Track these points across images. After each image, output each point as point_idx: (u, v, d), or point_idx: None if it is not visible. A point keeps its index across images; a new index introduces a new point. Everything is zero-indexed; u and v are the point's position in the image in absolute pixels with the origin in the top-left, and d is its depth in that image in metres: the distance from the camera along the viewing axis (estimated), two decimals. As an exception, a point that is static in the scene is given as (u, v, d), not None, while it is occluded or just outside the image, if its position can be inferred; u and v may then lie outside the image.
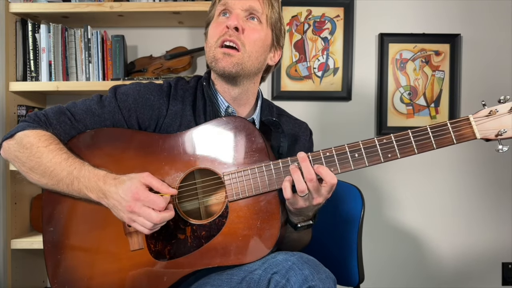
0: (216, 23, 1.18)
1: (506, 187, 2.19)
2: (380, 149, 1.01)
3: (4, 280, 1.88)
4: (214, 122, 1.10)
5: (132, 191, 1.00)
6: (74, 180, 1.06)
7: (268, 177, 1.03)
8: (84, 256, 1.10)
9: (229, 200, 1.05)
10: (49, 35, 1.94)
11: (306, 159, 1.00)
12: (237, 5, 1.15)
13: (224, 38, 1.13)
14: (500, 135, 0.97)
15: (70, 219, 1.12)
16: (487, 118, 0.99)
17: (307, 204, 1.02)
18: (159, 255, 1.07)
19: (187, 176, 1.10)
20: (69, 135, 1.14)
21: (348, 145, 1.02)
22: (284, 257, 0.98)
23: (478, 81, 2.18)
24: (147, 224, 1.00)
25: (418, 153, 1.00)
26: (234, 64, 1.13)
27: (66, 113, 1.15)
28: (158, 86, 1.21)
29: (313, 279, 0.92)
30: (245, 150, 1.06)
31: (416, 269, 2.21)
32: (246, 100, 1.23)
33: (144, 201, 1.00)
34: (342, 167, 1.02)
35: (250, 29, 1.16)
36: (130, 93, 1.17)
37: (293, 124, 1.30)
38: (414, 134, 1.00)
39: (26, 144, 1.09)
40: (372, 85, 2.20)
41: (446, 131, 0.99)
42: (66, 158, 1.08)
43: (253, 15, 1.16)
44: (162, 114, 1.18)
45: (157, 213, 1.00)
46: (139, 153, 1.12)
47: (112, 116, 1.15)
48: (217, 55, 1.14)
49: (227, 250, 1.03)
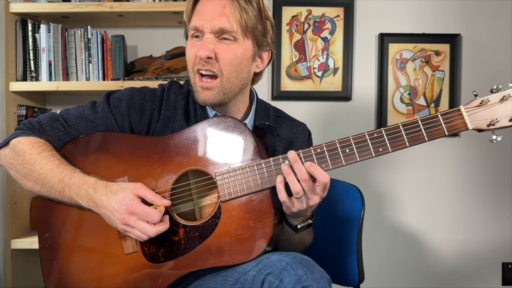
0: (190, 44, 1.13)
1: (506, 187, 2.19)
2: (371, 143, 1.00)
3: (4, 280, 1.88)
4: (205, 122, 1.10)
5: (125, 203, 1.00)
6: (65, 187, 1.06)
7: (260, 176, 1.03)
8: (79, 261, 1.10)
9: (221, 200, 1.05)
10: (49, 35, 1.94)
11: (297, 159, 0.99)
12: (206, 28, 1.09)
13: (198, 67, 1.10)
14: (493, 125, 0.96)
15: (64, 225, 1.12)
16: (478, 108, 0.97)
17: (304, 206, 1.02)
18: (153, 258, 1.07)
19: (181, 178, 1.10)
20: (62, 141, 1.15)
21: (338, 141, 1.01)
22: (278, 257, 0.97)
23: (478, 81, 2.17)
24: (142, 237, 1.02)
25: (409, 146, 0.99)
26: (215, 96, 1.11)
27: (59, 119, 1.16)
28: (151, 91, 1.21)
29: (307, 279, 0.92)
30: (236, 149, 1.06)
31: (416, 269, 2.21)
32: (236, 111, 1.21)
33: (139, 214, 1.00)
34: (334, 163, 1.01)
35: (224, 51, 1.09)
36: (123, 98, 1.17)
37: (290, 126, 1.29)
38: (405, 127, 1.00)
39: (19, 152, 1.10)
40: (372, 85, 2.20)
41: (437, 122, 0.99)
42: (58, 164, 1.08)
43: (225, 35, 1.09)
44: (155, 118, 1.18)
45: (152, 227, 1.00)
46: (131, 157, 1.12)
47: (105, 121, 1.16)
48: (197, 87, 1.12)
49: (221, 250, 1.03)
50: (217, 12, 1.09)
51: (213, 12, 1.09)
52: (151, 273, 1.06)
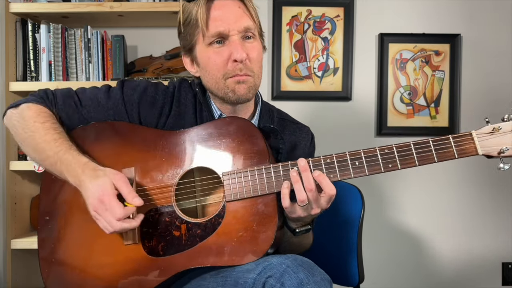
0: (214, 52, 1.11)
1: (506, 187, 2.19)
2: (381, 158, 1.00)
3: (4, 280, 1.88)
4: (217, 121, 1.11)
5: (99, 191, 1.00)
6: (58, 161, 1.07)
7: (267, 180, 1.03)
8: (78, 248, 1.10)
9: (226, 200, 1.05)
10: (49, 35, 1.94)
11: (307, 168, 0.99)
12: (233, 31, 1.09)
13: (235, 73, 1.10)
14: (502, 153, 0.97)
15: (65, 212, 1.12)
16: (490, 135, 0.98)
17: (305, 214, 1.02)
18: (153, 251, 1.07)
19: (187, 174, 1.10)
20: (70, 118, 1.16)
21: (349, 153, 1.01)
22: (279, 260, 0.97)
23: (478, 81, 2.18)
24: (107, 228, 1.01)
25: (418, 165, 1.00)
26: (249, 89, 1.12)
27: (74, 97, 1.18)
28: (165, 86, 1.22)
29: (308, 282, 0.92)
30: (246, 151, 1.06)
31: (416, 269, 2.21)
32: (245, 111, 1.21)
33: (107, 205, 1.00)
34: (342, 174, 1.01)
35: (251, 50, 1.11)
36: (136, 89, 1.19)
37: (294, 129, 1.28)
38: (416, 146, 1.00)
39: (26, 116, 1.13)
40: (372, 85, 2.20)
41: (448, 145, 0.99)
42: (57, 138, 1.09)
43: (249, 33, 1.11)
44: (165, 113, 1.18)
45: (117, 221, 0.99)
46: (140, 148, 1.12)
47: (115, 108, 1.17)
48: (231, 85, 1.11)
49: (221, 250, 1.03)
50: (238, 13, 1.10)
51: (234, 14, 1.10)
52: (149, 266, 1.06)
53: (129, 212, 1.01)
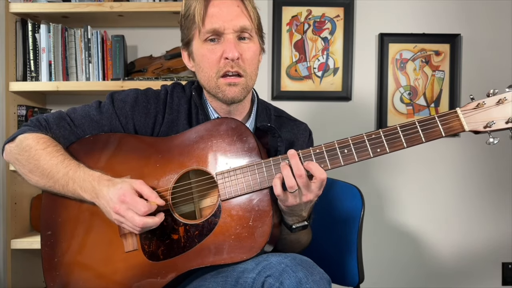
0: (208, 49, 1.11)
1: (506, 187, 2.19)
2: (369, 144, 1.02)
3: (4, 280, 1.88)
4: (207, 123, 1.12)
5: (120, 193, 1.01)
6: (69, 181, 1.08)
7: (259, 176, 1.04)
8: (80, 259, 1.11)
9: (221, 199, 1.05)
10: (49, 35, 1.94)
11: (295, 155, 1.01)
12: (228, 29, 1.08)
13: (226, 70, 1.10)
14: (489, 127, 0.98)
15: (66, 223, 1.13)
16: (475, 110, 1.00)
17: (297, 201, 1.02)
18: (153, 256, 1.07)
19: (183, 179, 1.10)
20: (68, 140, 1.17)
21: (337, 141, 1.03)
22: (278, 259, 0.97)
23: (478, 81, 2.17)
24: (134, 228, 1.02)
25: (407, 146, 1.02)
26: (241, 91, 1.12)
27: (66, 118, 1.18)
28: (155, 93, 1.21)
29: (307, 281, 0.92)
30: (237, 150, 1.07)
31: (416, 269, 2.21)
32: (241, 110, 1.22)
33: (129, 203, 1.00)
34: (332, 163, 1.02)
35: (245, 50, 1.11)
36: (127, 100, 1.18)
37: (291, 126, 1.29)
38: (402, 128, 1.02)
39: (26, 147, 1.12)
40: (372, 85, 2.20)
41: (434, 124, 1.01)
42: (62, 160, 1.10)
43: (244, 34, 1.11)
44: (158, 121, 1.19)
45: (140, 217, 1.00)
46: (134, 157, 1.13)
47: (109, 122, 1.17)
48: (221, 86, 1.12)
49: (220, 249, 1.03)
50: (235, 12, 1.10)
51: (231, 12, 1.09)
52: (150, 271, 1.06)
53: (152, 208, 1.02)
